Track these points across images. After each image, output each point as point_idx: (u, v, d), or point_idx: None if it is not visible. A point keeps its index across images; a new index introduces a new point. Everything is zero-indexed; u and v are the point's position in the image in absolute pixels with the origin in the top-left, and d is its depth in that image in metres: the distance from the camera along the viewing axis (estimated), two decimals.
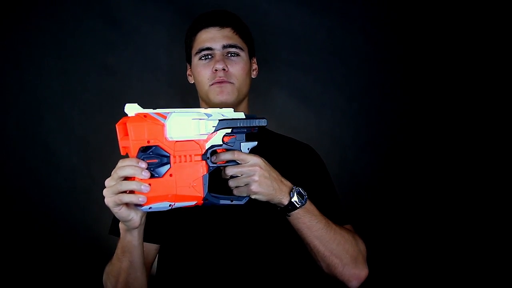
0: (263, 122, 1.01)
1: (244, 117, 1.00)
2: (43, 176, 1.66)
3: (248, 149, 1.00)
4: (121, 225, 0.95)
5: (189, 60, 1.29)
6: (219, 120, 0.96)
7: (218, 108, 0.98)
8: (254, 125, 1.00)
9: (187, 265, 1.14)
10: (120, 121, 0.89)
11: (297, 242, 1.10)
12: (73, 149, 1.67)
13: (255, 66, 1.32)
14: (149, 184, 0.84)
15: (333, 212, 1.16)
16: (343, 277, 1.10)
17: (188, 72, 1.32)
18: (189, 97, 1.69)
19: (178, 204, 0.90)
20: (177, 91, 1.72)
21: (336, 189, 1.26)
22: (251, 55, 1.28)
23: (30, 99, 1.65)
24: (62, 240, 1.65)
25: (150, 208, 0.87)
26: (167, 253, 1.19)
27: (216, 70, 1.18)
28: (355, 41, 1.75)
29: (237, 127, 0.98)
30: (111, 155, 1.22)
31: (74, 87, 1.67)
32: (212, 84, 1.19)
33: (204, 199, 0.92)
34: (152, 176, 0.86)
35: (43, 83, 1.66)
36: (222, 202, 0.96)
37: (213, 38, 1.20)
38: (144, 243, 1.03)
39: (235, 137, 0.99)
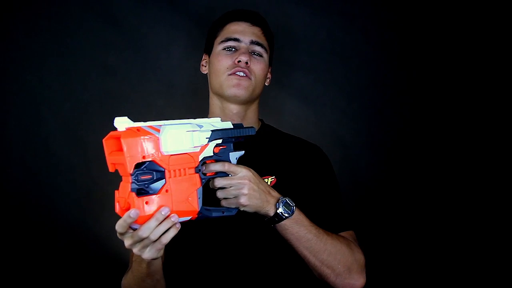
0: (252, 131, 1.01)
1: (232, 127, 0.99)
2: (43, 176, 1.66)
3: (236, 158, 0.99)
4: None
5: (207, 50, 1.29)
6: (212, 131, 0.94)
7: (206, 118, 0.97)
8: (244, 134, 0.99)
9: (184, 267, 1.13)
10: (108, 136, 0.84)
11: (290, 249, 1.08)
12: (73, 149, 1.66)
13: (269, 75, 1.32)
14: (146, 203, 0.82)
15: (333, 216, 1.15)
16: (337, 286, 1.08)
17: (203, 62, 1.31)
18: (189, 97, 1.69)
19: None
20: (177, 91, 1.72)
21: (341, 193, 1.24)
22: (270, 62, 1.29)
23: (30, 99, 1.65)
24: (62, 240, 1.65)
25: None
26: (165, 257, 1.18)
27: (239, 61, 1.18)
28: (355, 41, 1.75)
29: (228, 137, 0.97)
30: None
31: (74, 87, 1.67)
32: (230, 74, 1.18)
33: (199, 213, 0.90)
34: (147, 193, 0.83)
35: (43, 83, 1.66)
36: (215, 214, 0.95)
37: (243, 31, 1.22)
38: None
39: (226, 147, 0.97)
